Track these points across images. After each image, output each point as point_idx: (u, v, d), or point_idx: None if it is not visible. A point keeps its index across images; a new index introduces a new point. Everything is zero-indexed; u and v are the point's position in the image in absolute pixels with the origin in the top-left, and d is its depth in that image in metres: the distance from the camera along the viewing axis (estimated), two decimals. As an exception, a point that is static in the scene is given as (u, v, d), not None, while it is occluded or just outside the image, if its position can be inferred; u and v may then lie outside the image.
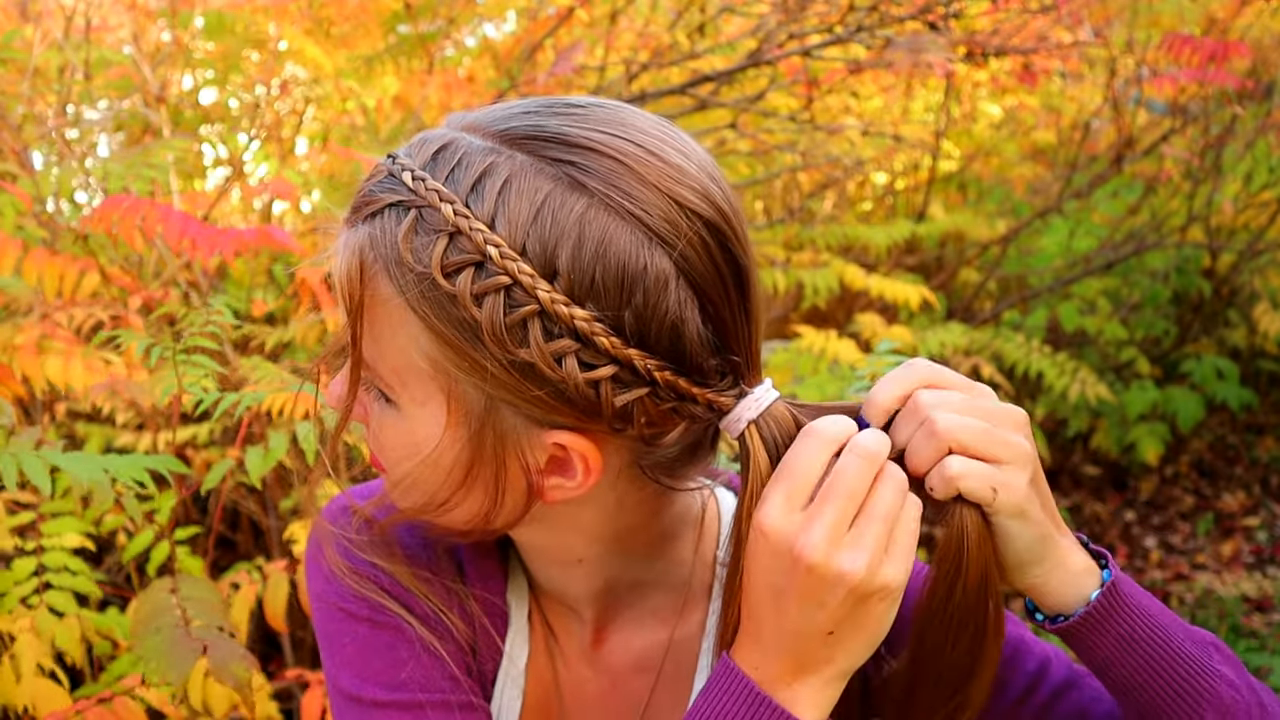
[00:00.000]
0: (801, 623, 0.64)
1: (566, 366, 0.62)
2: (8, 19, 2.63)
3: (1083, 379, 3.15)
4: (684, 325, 0.64)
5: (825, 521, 0.62)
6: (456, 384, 0.66)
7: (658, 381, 0.64)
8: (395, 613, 0.78)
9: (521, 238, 0.62)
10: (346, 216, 0.69)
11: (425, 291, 0.63)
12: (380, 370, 0.68)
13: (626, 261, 0.62)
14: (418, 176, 0.64)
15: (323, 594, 0.80)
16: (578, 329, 0.62)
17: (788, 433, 0.67)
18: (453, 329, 0.63)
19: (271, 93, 2.90)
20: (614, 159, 0.63)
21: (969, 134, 4.23)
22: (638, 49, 2.97)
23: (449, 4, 3.05)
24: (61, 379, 1.62)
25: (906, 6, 2.43)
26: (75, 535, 1.48)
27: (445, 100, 2.79)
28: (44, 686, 1.32)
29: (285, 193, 2.24)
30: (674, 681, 0.83)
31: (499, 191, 0.62)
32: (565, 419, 0.65)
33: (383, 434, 0.71)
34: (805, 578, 0.62)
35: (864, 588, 0.62)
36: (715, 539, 0.82)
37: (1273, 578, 3.35)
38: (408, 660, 0.77)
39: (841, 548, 0.62)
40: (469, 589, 0.81)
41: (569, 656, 0.84)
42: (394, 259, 0.64)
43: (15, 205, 1.86)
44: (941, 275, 3.86)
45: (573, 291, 0.62)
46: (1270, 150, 3.59)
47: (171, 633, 1.15)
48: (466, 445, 0.67)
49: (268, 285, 2.34)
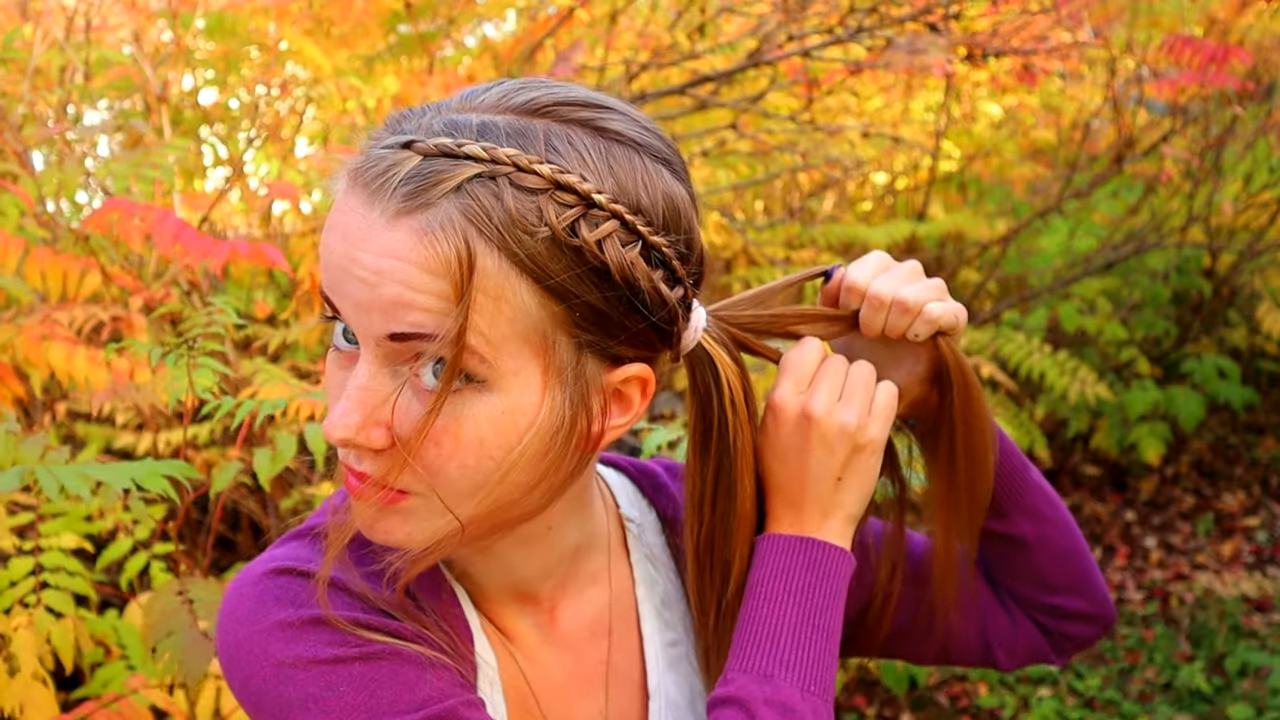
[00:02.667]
0: (819, 471, 0.80)
1: (664, 292, 0.70)
2: (8, 19, 2.63)
3: (1082, 379, 3.15)
4: (704, 246, 0.75)
5: (823, 390, 0.81)
6: (554, 340, 0.67)
7: (692, 298, 0.74)
8: (384, 641, 0.73)
9: (610, 186, 0.67)
10: (394, 210, 0.64)
11: (544, 251, 0.65)
12: (480, 347, 0.65)
13: (675, 195, 0.71)
14: (487, 147, 0.64)
15: (279, 660, 0.71)
16: (665, 255, 0.69)
17: (725, 330, 0.80)
18: (572, 281, 0.66)
19: (272, 93, 2.91)
20: (621, 112, 0.70)
21: (969, 134, 4.24)
22: (638, 49, 2.98)
23: (449, 4, 3.05)
24: (64, 369, 1.62)
25: (906, 7, 2.43)
26: (73, 536, 1.49)
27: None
28: (36, 689, 1.31)
29: (286, 193, 2.24)
30: (625, 638, 0.87)
31: (572, 149, 0.67)
32: (643, 350, 0.72)
33: (471, 429, 0.67)
34: (815, 432, 0.79)
35: (859, 437, 0.80)
36: (612, 499, 0.91)
37: (1273, 578, 3.35)
38: (419, 679, 0.73)
39: (838, 407, 0.80)
40: (428, 609, 0.79)
41: (528, 649, 0.84)
42: (506, 227, 0.64)
43: (17, 205, 1.86)
44: (941, 275, 3.84)
45: (653, 225, 0.69)
46: (1270, 151, 3.59)
47: (185, 634, 1.16)
48: (566, 402, 0.69)
49: (268, 286, 2.34)
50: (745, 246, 3.38)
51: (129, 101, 2.87)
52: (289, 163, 2.90)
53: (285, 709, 0.70)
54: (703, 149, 3.07)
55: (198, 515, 2.27)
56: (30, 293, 1.87)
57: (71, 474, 1.02)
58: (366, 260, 0.64)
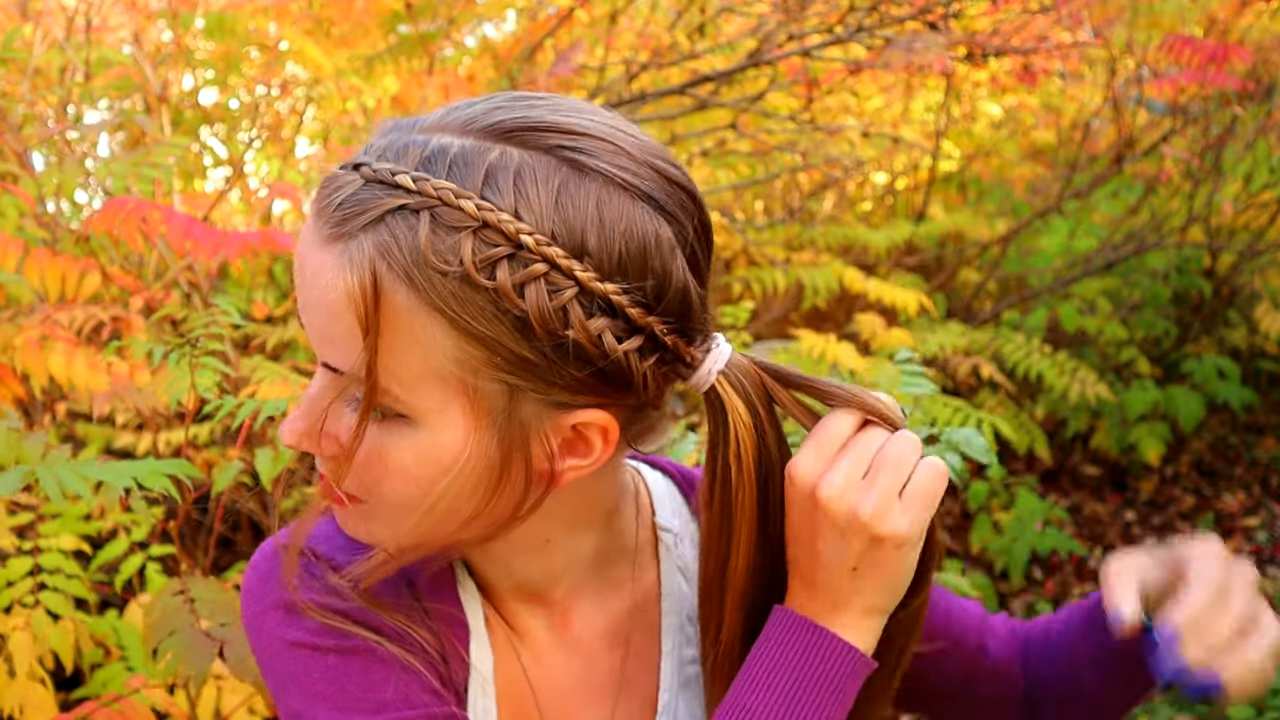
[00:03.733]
0: (830, 557, 0.71)
1: (606, 343, 0.64)
2: (8, 19, 2.63)
3: (1082, 379, 3.15)
4: (688, 290, 0.68)
5: (843, 468, 0.70)
6: (478, 383, 0.64)
7: (667, 346, 0.68)
8: (363, 636, 0.75)
9: (549, 225, 0.62)
10: (326, 234, 0.64)
11: (457, 292, 0.62)
12: (392, 387, 0.65)
13: (643, 235, 0.65)
14: (418, 178, 0.62)
15: (278, 635, 0.76)
16: (613, 303, 0.64)
17: (750, 377, 0.72)
18: (488, 325, 0.62)
19: (272, 93, 2.91)
20: (603, 140, 0.65)
21: (969, 134, 4.24)
22: (638, 49, 2.98)
23: (449, 4, 3.05)
24: (64, 375, 1.62)
25: (906, 7, 2.43)
26: (71, 537, 1.49)
27: (444, 100, 2.79)
28: (35, 690, 1.32)
29: (286, 193, 2.24)
30: (643, 649, 0.85)
31: (514, 183, 0.62)
32: (591, 397, 0.67)
33: (397, 458, 0.67)
34: (824, 516, 0.70)
35: (874, 528, 0.69)
36: (649, 507, 0.87)
37: (1273, 578, 3.35)
38: (386, 680, 0.74)
39: (854, 489, 0.69)
40: (425, 603, 0.79)
41: (538, 649, 0.83)
42: (417, 265, 0.61)
43: (18, 206, 1.86)
44: (941, 275, 3.86)
45: (601, 269, 0.64)
46: (1270, 151, 3.59)
47: (187, 633, 1.16)
48: (495, 444, 0.66)
49: (268, 286, 2.34)
50: (745, 246, 3.38)
51: (129, 101, 2.87)
52: (289, 163, 2.90)
53: (282, 682, 0.76)
54: (703, 149, 3.07)
55: (198, 516, 2.27)
56: (30, 291, 1.87)
57: (73, 473, 1.02)
58: (305, 281, 0.66)
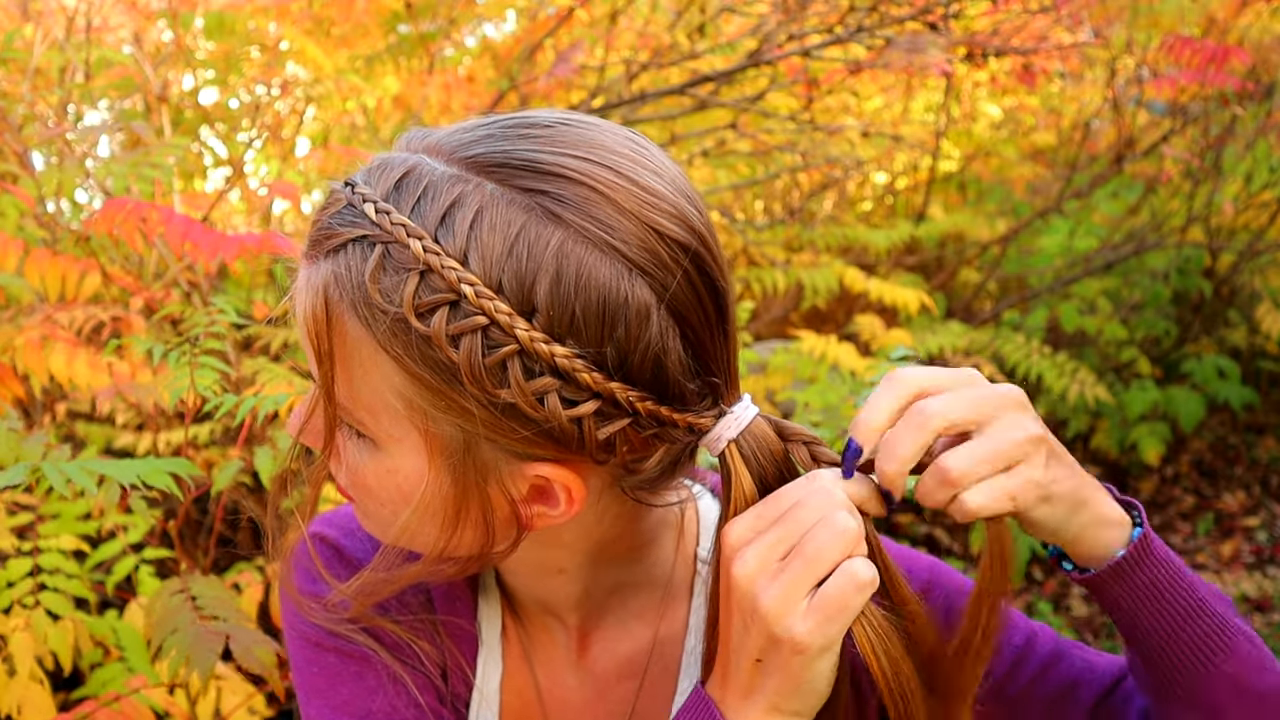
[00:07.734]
0: (736, 644, 0.64)
1: (549, 405, 0.60)
2: (8, 19, 2.63)
3: (1081, 380, 3.15)
4: (666, 355, 0.62)
5: (762, 544, 0.62)
6: (433, 422, 0.63)
7: (640, 412, 0.63)
8: (362, 643, 0.77)
9: (497, 274, 0.59)
10: (305, 251, 0.64)
11: (397, 332, 0.60)
12: (354, 409, 0.65)
13: (607, 295, 0.59)
14: (381, 209, 0.61)
15: (293, 623, 0.81)
16: (559, 366, 0.60)
17: (768, 448, 0.66)
18: (428, 370, 0.60)
19: (272, 93, 2.91)
20: (587, 186, 0.60)
21: (969, 134, 4.24)
22: (638, 49, 2.98)
23: (449, 4, 3.05)
24: (65, 374, 1.62)
25: (906, 7, 2.43)
26: (71, 537, 1.49)
27: (445, 100, 2.79)
28: (34, 690, 1.32)
29: (286, 193, 2.24)
30: (659, 684, 0.82)
31: (470, 225, 0.59)
32: (547, 453, 0.64)
33: (364, 473, 0.68)
34: (733, 594, 0.63)
35: (771, 625, 0.61)
36: (695, 538, 0.82)
37: (1273, 578, 3.35)
38: (376, 690, 0.77)
39: (764, 575, 0.62)
40: (436, 616, 0.80)
41: (553, 665, 0.83)
42: (362, 299, 0.60)
43: (18, 206, 1.86)
44: (941, 275, 3.86)
45: (552, 328, 0.59)
46: (1270, 150, 3.59)
47: (189, 630, 1.16)
48: (450, 481, 0.65)
49: (268, 286, 2.34)
50: (745, 246, 3.38)
51: (129, 101, 2.87)
52: (289, 163, 2.90)
53: (295, 665, 0.81)
54: (703, 149, 3.07)
55: (197, 515, 2.27)
56: (31, 291, 1.87)
57: (76, 469, 1.02)
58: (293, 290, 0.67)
